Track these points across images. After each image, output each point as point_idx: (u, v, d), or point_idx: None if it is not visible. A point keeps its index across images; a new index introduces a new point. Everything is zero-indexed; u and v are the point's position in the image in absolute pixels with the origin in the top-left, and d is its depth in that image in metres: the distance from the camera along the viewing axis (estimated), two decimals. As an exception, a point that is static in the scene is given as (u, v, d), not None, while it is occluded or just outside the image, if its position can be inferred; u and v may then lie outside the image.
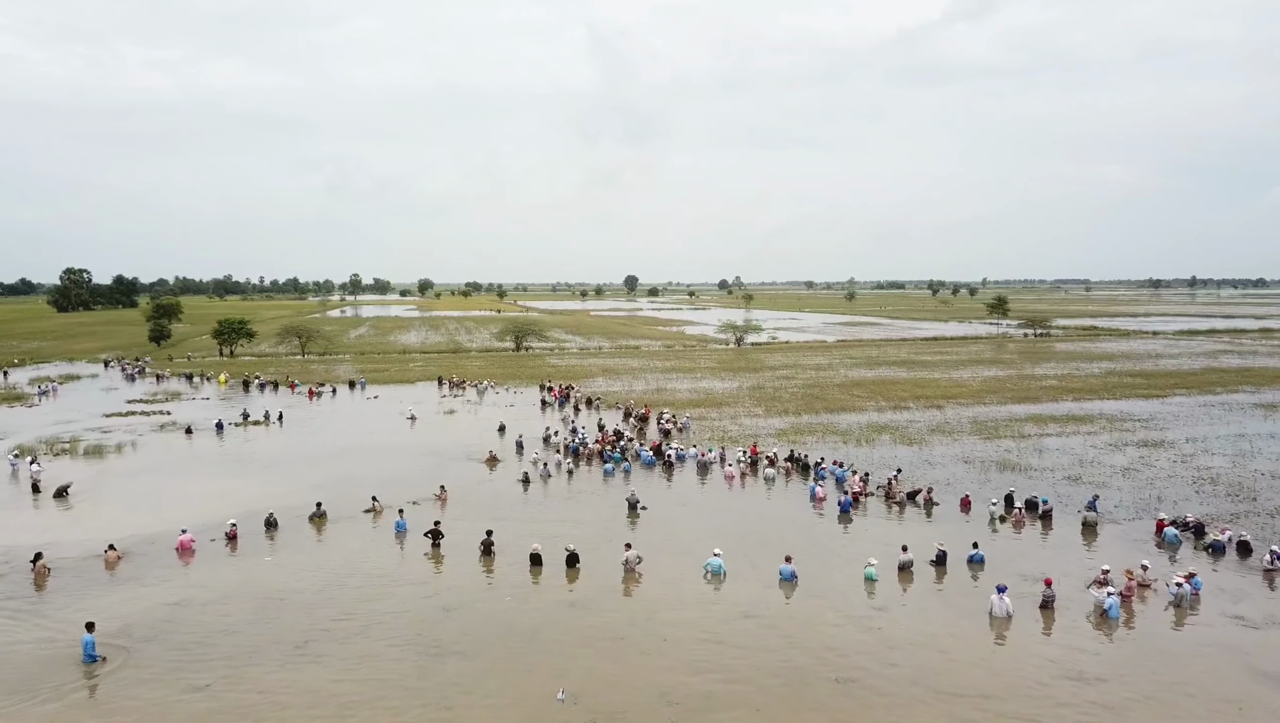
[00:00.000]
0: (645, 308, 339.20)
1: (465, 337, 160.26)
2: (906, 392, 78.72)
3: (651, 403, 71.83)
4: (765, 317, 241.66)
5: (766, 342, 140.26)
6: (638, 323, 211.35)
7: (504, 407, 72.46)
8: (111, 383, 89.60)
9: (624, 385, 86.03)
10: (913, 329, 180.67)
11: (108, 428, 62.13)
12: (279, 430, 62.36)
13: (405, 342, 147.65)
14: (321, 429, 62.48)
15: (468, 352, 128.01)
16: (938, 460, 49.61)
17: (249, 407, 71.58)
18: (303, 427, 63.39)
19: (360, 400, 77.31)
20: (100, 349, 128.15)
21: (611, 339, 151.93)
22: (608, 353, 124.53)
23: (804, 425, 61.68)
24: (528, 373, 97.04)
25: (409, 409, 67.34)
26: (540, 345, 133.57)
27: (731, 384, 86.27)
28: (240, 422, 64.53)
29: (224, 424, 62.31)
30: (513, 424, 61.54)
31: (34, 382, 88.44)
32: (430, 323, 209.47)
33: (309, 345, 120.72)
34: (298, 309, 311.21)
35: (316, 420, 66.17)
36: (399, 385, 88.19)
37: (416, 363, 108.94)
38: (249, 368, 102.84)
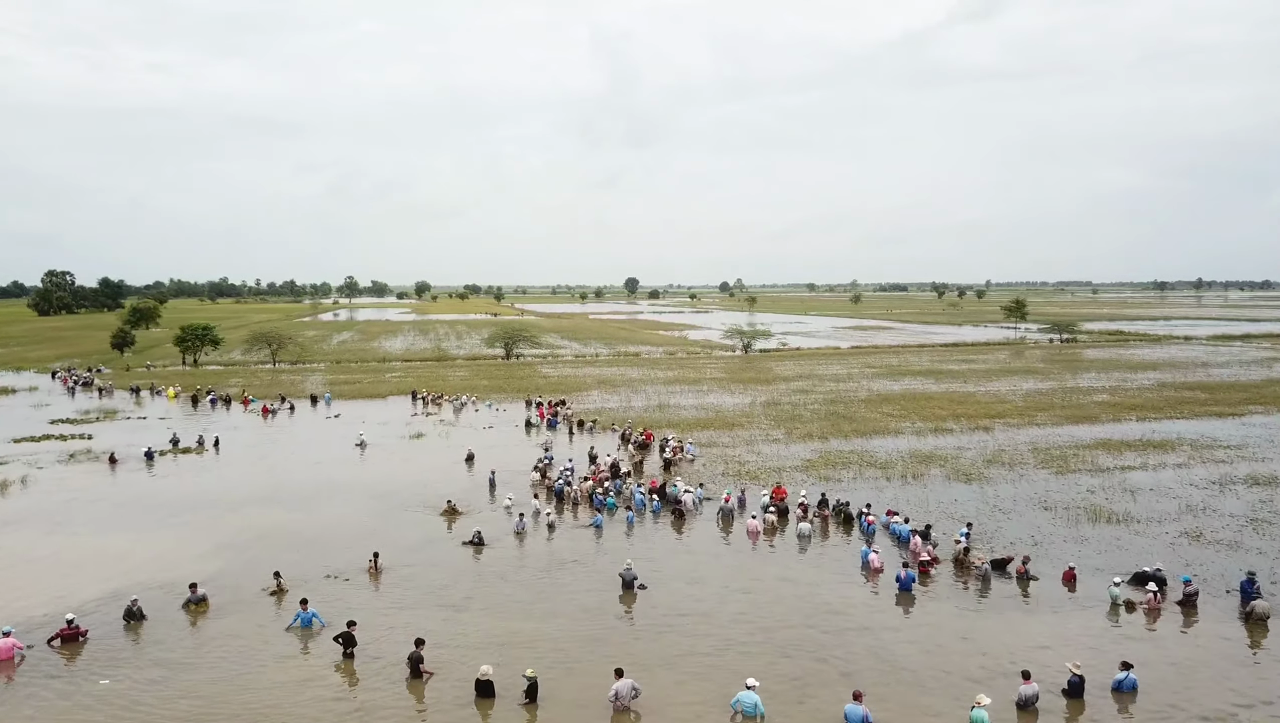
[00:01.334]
0: (646, 311, 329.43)
1: (454, 343, 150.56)
2: (943, 408, 69.03)
3: (653, 425, 62.25)
4: (770, 320, 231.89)
5: (776, 349, 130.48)
6: (638, 327, 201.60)
7: (481, 428, 62.87)
8: (46, 398, 79.91)
9: (621, 401, 76.38)
10: (927, 334, 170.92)
11: (6, 457, 52.42)
12: (214, 460, 52.74)
13: (389, 348, 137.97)
14: (262, 458, 52.81)
15: (453, 360, 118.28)
16: (1008, 505, 39.91)
17: (197, 426, 62.05)
18: (242, 456, 53.74)
19: (319, 419, 67.68)
20: (60, 357, 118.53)
21: (610, 345, 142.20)
22: (605, 361, 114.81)
23: (834, 454, 51.98)
24: (516, 385, 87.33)
25: (360, 434, 57.59)
26: (532, 353, 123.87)
27: (743, 399, 76.56)
28: (170, 449, 54.91)
29: (153, 453, 52.61)
30: (487, 452, 52.02)
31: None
32: (421, 327, 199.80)
33: (280, 353, 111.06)
34: (287, 312, 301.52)
35: (260, 447, 56.50)
36: (369, 400, 78.56)
37: (394, 373, 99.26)
38: (212, 378, 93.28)
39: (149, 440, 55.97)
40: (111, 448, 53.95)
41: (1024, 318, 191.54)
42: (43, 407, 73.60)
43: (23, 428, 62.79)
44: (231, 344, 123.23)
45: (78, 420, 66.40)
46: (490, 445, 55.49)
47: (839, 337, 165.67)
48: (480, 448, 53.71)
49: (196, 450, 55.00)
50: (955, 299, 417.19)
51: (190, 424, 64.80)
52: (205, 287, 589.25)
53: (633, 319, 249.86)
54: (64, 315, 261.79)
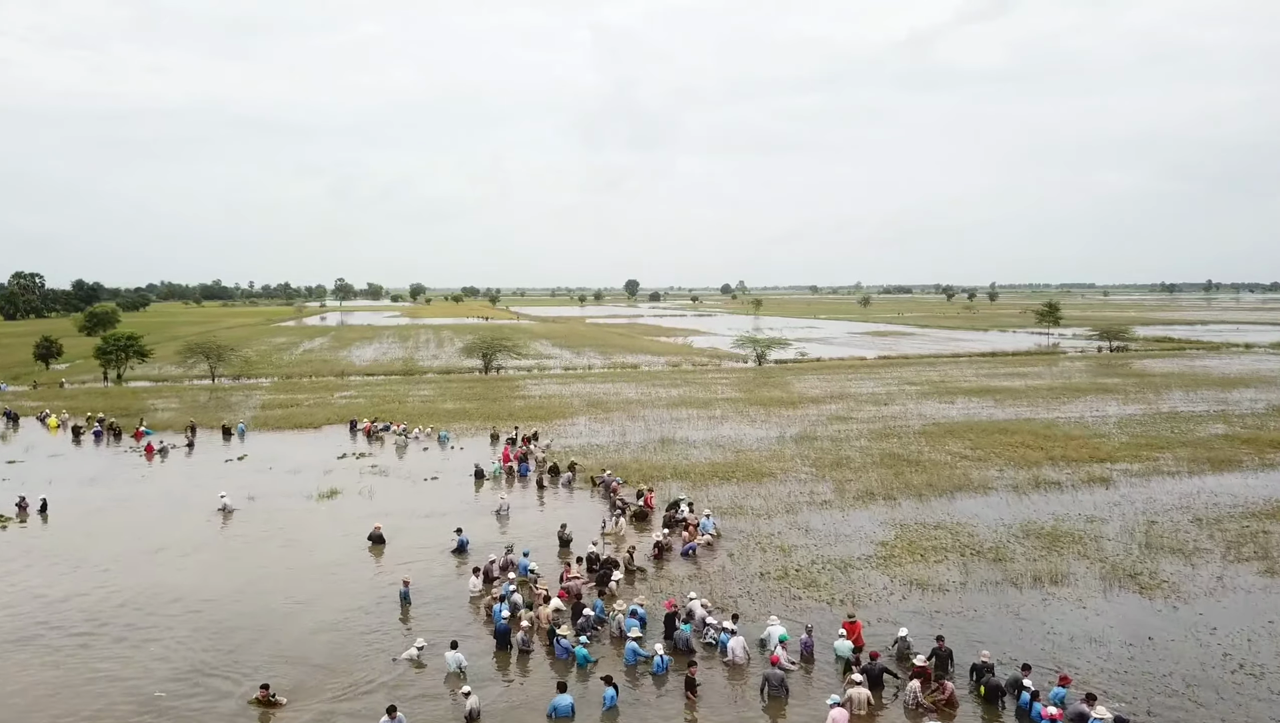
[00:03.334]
0: (646, 314, 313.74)
1: (432, 352, 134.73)
2: (1029, 445, 53.34)
3: (653, 473, 46.69)
4: (778, 325, 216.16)
5: (794, 360, 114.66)
6: (638, 333, 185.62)
7: (422, 480, 47.13)
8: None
9: (614, 432, 60.64)
10: (954, 340, 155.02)
11: None
12: (24, 535, 37.06)
13: (356, 359, 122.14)
14: (89, 537, 36.90)
15: (423, 373, 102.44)
16: (1241, 651, 24.18)
17: (52, 472, 46.42)
18: (69, 530, 38.01)
19: (218, 461, 51.92)
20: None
21: (605, 354, 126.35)
22: (598, 375, 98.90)
23: (914, 530, 36.26)
24: (486, 409, 71.50)
25: (223, 496, 41.35)
26: (515, 365, 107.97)
27: (767, 430, 60.86)
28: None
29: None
30: (411, 528, 36.45)
31: None
32: (402, 334, 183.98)
33: (221, 367, 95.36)
34: (267, 316, 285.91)
35: (103, 515, 40.63)
36: (298, 432, 62.85)
37: (346, 393, 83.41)
38: (126, 401, 77.56)
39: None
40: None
41: (1057, 323, 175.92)
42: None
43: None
44: (164, 357, 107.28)
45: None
46: (423, 514, 39.80)
47: (859, 344, 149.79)
48: (404, 519, 38.12)
49: (13, 519, 39.33)
50: (968, 302, 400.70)
51: (51, 468, 49.15)
52: (196, 289, 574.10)
53: (632, 323, 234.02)
54: (31, 320, 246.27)
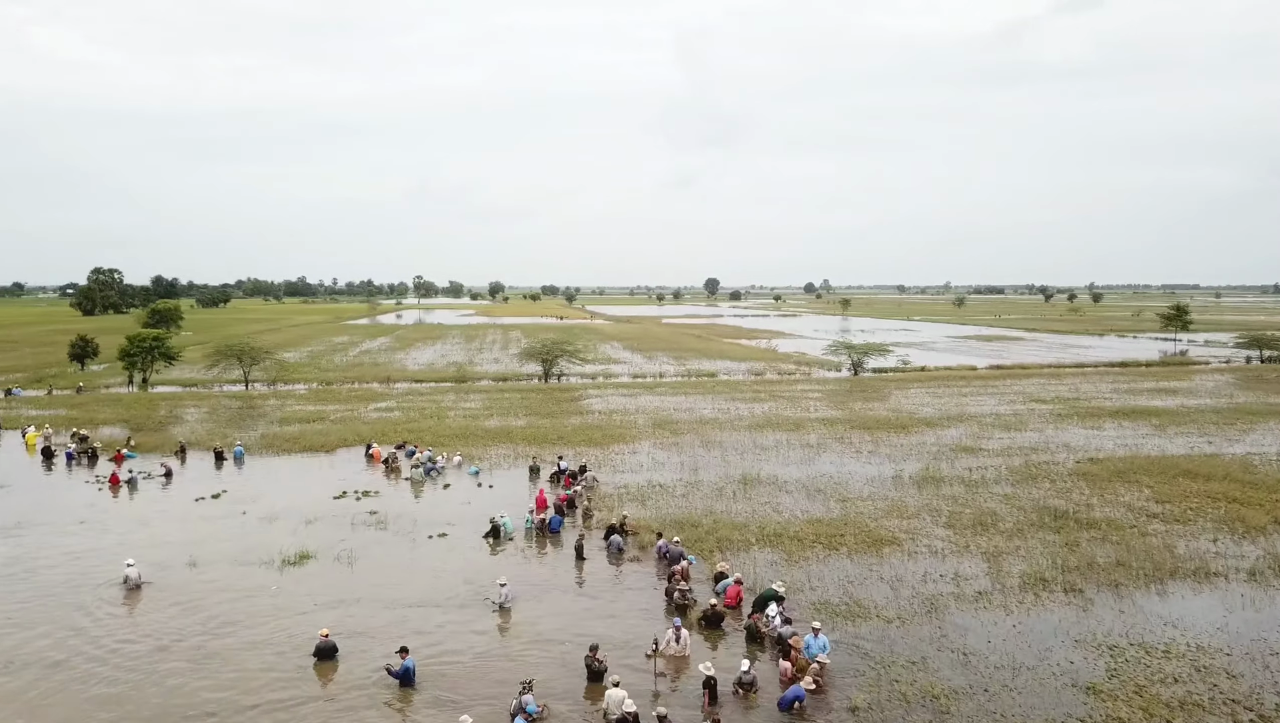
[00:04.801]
0: (726, 314, 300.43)
1: (492, 355, 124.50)
2: (1243, 502, 39.64)
3: (733, 535, 34.68)
4: (869, 327, 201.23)
5: (894, 368, 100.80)
6: (716, 335, 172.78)
7: (426, 537, 35.80)
8: None
9: (682, 465, 48.62)
10: (1069, 347, 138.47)
11: None
12: None
13: (410, 362, 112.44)
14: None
15: (476, 381, 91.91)
16: None
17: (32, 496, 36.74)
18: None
19: (186, 500, 41.45)
20: (16, 367, 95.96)
21: (679, 360, 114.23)
22: (670, 385, 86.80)
23: (1135, 662, 23.56)
24: (533, 431, 60.13)
25: (128, 565, 30.21)
26: (578, 372, 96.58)
27: (878, 467, 48.13)
28: None
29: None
30: (382, 624, 25.11)
31: None
32: (468, 334, 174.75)
33: (256, 371, 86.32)
34: (337, 314, 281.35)
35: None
36: (308, 455, 52.43)
37: (382, 405, 73.03)
38: (149, 407, 68.60)
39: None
40: None
41: (1185, 327, 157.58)
42: None
43: None
44: (194, 360, 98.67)
45: None
46: (408, 602, 28.44)
47: (963, 350, 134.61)
48: (375, 613, 26.85)
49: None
50: (1071, 304, 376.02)
51: (38, 487, 39.48)
52: (280, 286, 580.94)
53: (711, 324, 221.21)
54: (110, 315, 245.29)
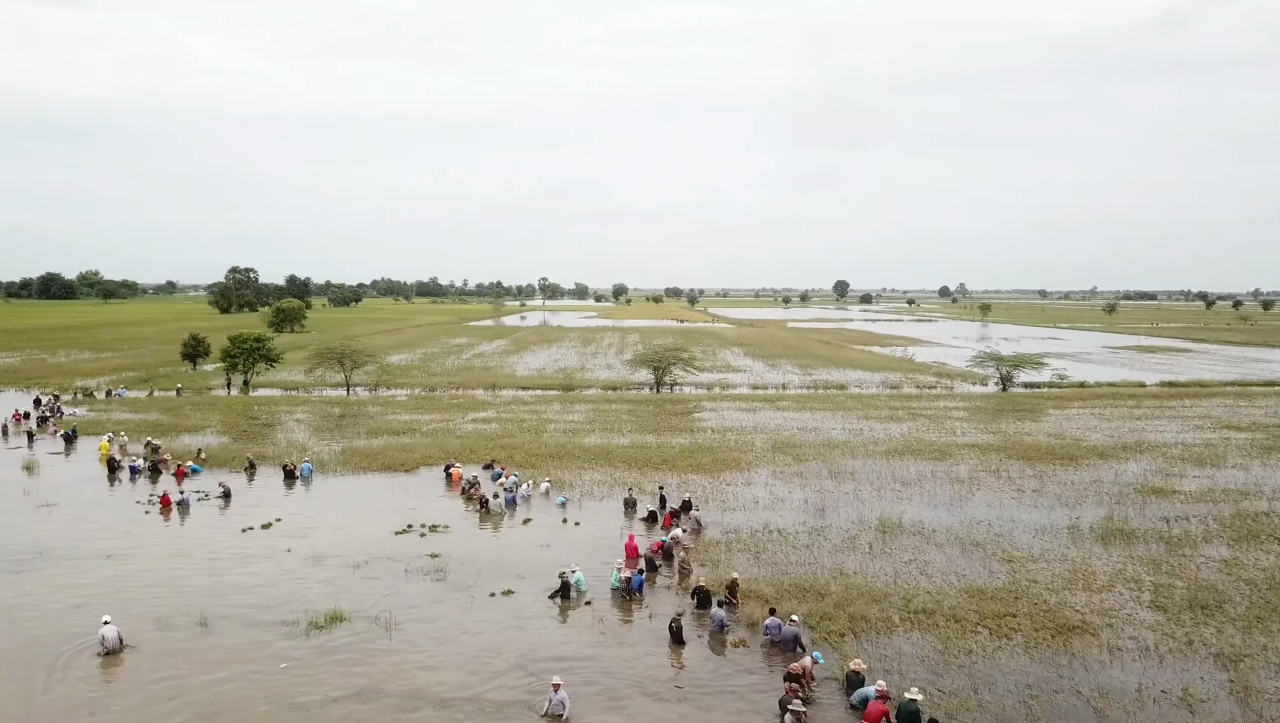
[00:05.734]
0: (856, 318, 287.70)
1: (605, 360, 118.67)
2: None
3: (870, 613, 27.07)
4: (1013, 334, 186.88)
5: (1049, 383, 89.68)
6: (846, 341, 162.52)
7: (488, 594, 29.31)
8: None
9: (806, 501, 40.91)
10: (1250, 361, 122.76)
11: None
12: None
13: (520, 368, 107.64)
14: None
15: (584, 389, 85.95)
16: None
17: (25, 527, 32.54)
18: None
19: (233, 528, 36.33)
20: (120, 368, 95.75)
21: (805, 368, 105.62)
22: (794, 398, 78.60)
23: None
24: (638, 449, 53.34)
25: (105, 622, 24.73)
26: (693, 382, 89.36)
27: (1048, 513, 39.28)
28: None
29: None
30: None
31: None
32: (585, 337, 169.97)
33: (358, 375, 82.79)
34: (461, 315, 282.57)
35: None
36: (386, 474, 47.10)
37: (481, 415, 67.67)
38: (242, 411, 65.37)
39: None
40: None
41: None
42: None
43: None
44: (296, 362, 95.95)
45: None
46: (436, 701, 21.96)
47: (1123, 362, 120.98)
48: (398, 713, 20.50)
49: None
50: (1240, 312, 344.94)
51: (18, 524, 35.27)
52: (412, 286, 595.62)
53: (840, 329, 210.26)
54: (244, 312, 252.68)
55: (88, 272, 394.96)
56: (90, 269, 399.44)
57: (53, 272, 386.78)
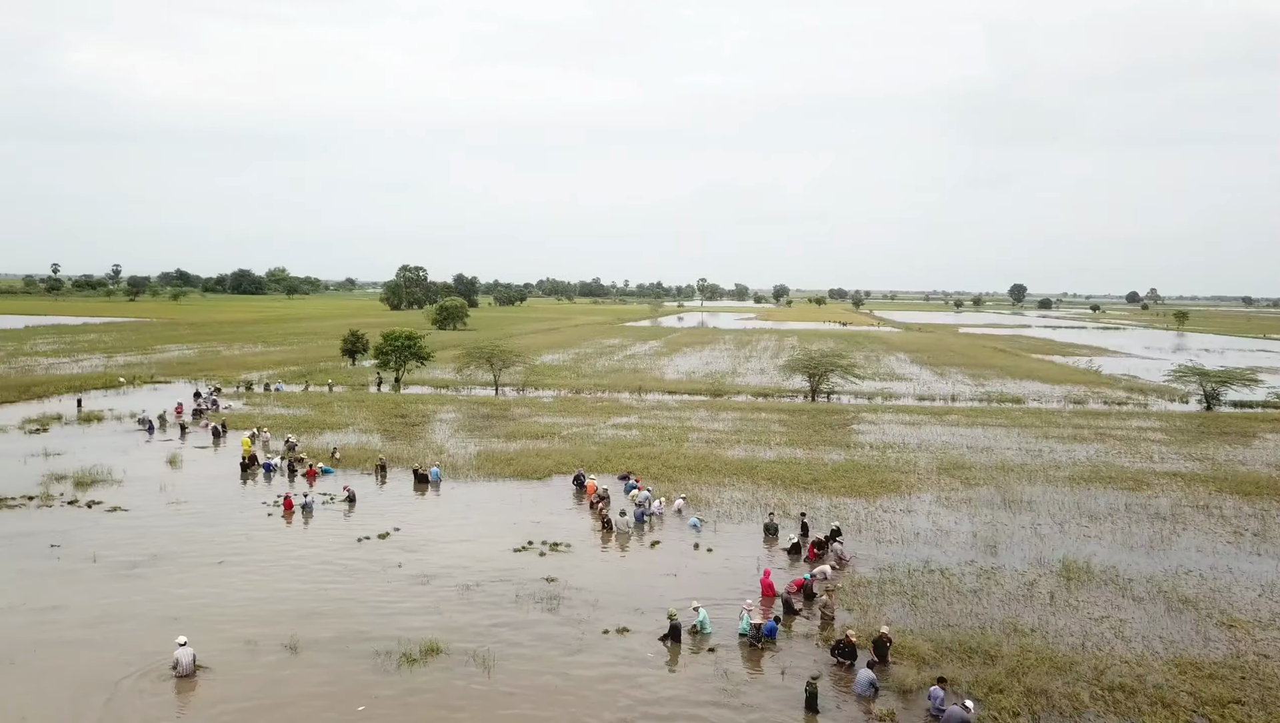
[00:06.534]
0: (1035, 325, 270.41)
1: (759, 365, 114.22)
2: None
3: (1048, 688, 22.16)
4: (1215, 345, 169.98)
5: (1269, 403, 78.98)
6: (1023, 349, 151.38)
7: (602, 631, 26.07)
8: (105, 435, 54.76)
9: (976, 535, 35.77)
10: None
11: None
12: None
13: (669, 371, 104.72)
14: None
15: (734, 394, 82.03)
16: None
17: (146, 526, 32.04)
18: None
19: (348, 537, 34.65)
20: (281, 363, 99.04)
21: (977, 379, 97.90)
22: (964, 412, 72.01)
23: None
24: (786, 465, 49.12)
25: (180, 648, 22.61)
26: (852, 391, 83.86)
27: (1277, 566, 32.69)
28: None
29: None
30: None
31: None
32: (740, 340, 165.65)
33: (506, 375, 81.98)
34: (618, 315, 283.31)
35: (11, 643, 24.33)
36: (518, 482, 44.89)
37: (624, 420, 64.99)
38: (397, 407, 65.39)
39: None
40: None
41: None
42: (53, 456, 47.88)
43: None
44: (449, 360, 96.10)
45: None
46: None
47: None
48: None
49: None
50: None
51: (145, 523, 34.87)
52: (575, 286, 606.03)
53: (1016, 336, 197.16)
54: (413, 310, 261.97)
55: (275, 269, 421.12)
56: (278, 266, 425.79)
57: (244, 268, 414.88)
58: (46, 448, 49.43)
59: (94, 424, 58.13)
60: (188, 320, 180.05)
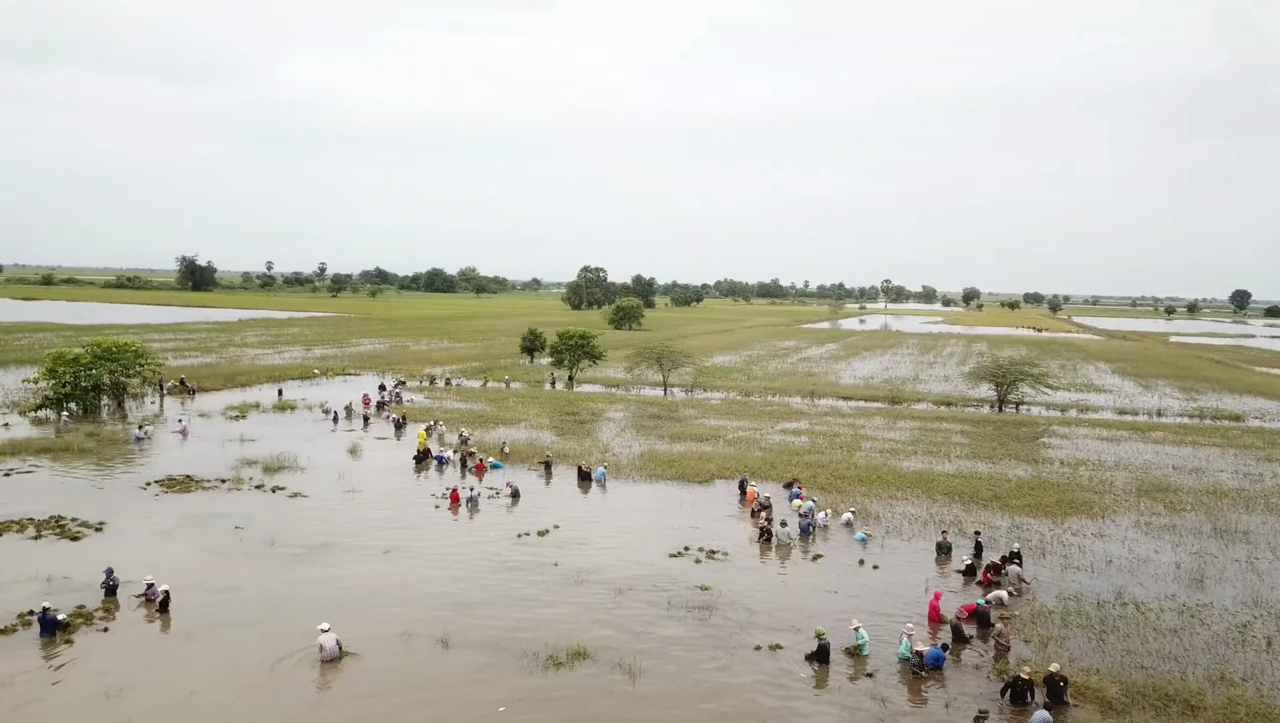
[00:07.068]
0: (1260, 335, 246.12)
1: (942, 371, 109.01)
2: None
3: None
4: None
5: None
6: (1245, 362, 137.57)
7: (759, 644, 24.91)
8: (295, 424, 58.28)
9: (1178, 570, 32.28)
10: None
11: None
12: (105, 644, 23.11)
13: (846, 375, 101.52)
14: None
15: (913, 402, 78.40)
16: None
17: (311, 518, 33.86)
18: (151, 652, 23.32)
19: (508, 533, 34.96)
20: (464, 359, 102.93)
21: (1188, 393, 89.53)
22: (1170, 431, 65.74)
23: None
24: (966, 480, 46.17)
25: (324, 637, 23.33)
26: (1045, 402, 78.35)
27: None
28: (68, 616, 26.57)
29: (51, 618, 24.98)
30: None
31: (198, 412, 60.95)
32: (924, 345, 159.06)
33: (675, 375, 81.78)
34: (794, 316, 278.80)
35: (195, 614, 25.46)
36: (679, 485, 44.28)
37: (793, 425, 63.21)
38: (569, 404, 66.67)
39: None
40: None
41: None
42: (247, 442, 51.30)
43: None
44: (620, 359, 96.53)
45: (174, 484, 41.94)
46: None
47: None
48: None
49: (97, 615, 25.85)
50: None
51: (315, 516, 36.63)
52: (753, 287, 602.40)
53: (1238, 346, 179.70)
54: (592, 310, 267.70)
55: (466, 268, 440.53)
56: (469, 266, 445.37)
57: (437, 267, 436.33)
58: (243, 434, 52.96)
59: (287, 413, 61.88)
60: (381, 316, 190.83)
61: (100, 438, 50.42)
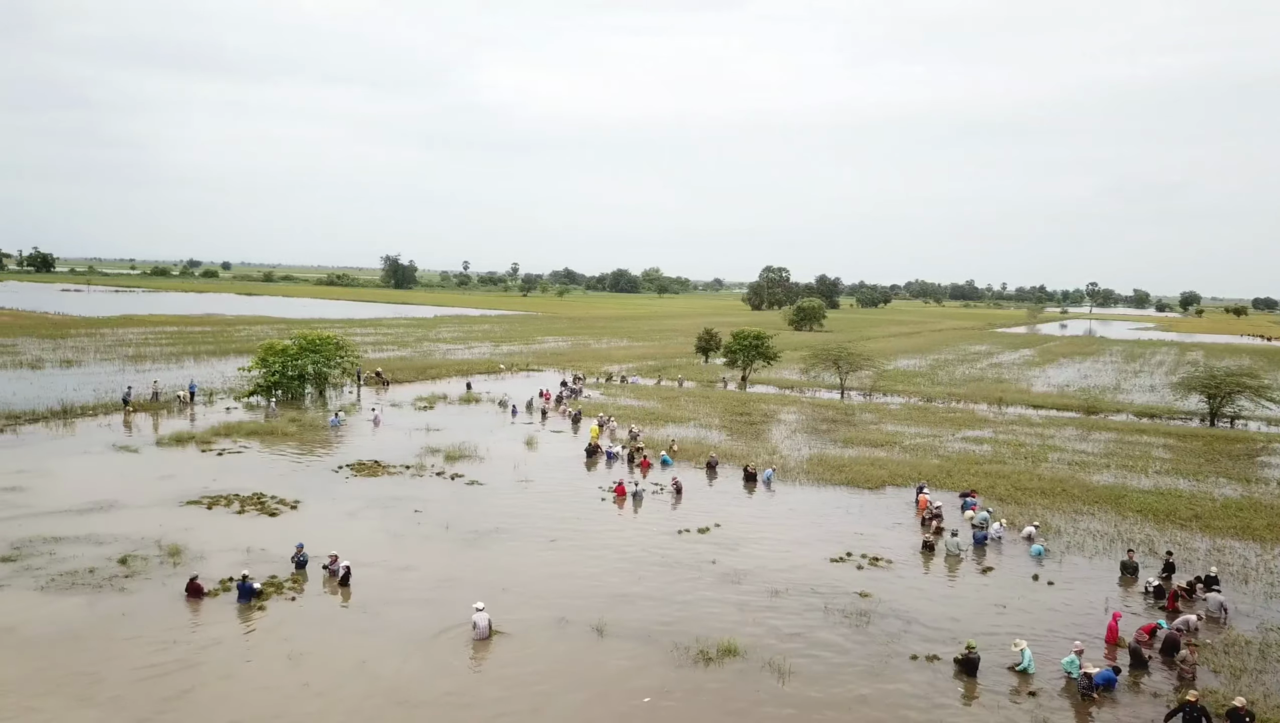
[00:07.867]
0: None
1: (1148, 381, 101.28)
2: None
3: None
4: None
5: None
6: None
7: (916, 654, 24.19)
8: (476, 416, 60.93)
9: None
10: None
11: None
12: (285, 614, 25.24)
13: (1039, 382, 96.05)
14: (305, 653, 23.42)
15: (1112, 412, 73.18)
16: None
17: (480, 506, 35.80)
18: (328, 622, 25.22)
19: (668, 529, 35.37)
20: (641, 357, 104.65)
21: None
22: None
23: None
24: (1160, 501, 42.83)
25: (478, 616, 24.17)
26: (1264, 415, 71.33)
27: None
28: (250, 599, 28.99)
29: (251, 586, 27.62)
30: None
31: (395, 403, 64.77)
32: (1131, 352, 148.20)
33: (853, 378, 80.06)
34: (988, 320, 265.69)
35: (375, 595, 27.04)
36: (847, 489, 43.46)
37: (976, 433, 60.61)
38: (741, 404, 66.89)
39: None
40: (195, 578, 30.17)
41: None
42: (433, 431, 54.24)
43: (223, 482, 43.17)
44: (796, 361, 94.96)
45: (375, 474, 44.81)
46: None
47: None
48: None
49: (286, 585, 28.01)
50: None
51: (479, 500, 38.45)
52: (945, 289, 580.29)
53: None
54: (773, 310, 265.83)
55: (650, 269, 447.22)
56: (652, 266, 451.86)
57: (622, 268, 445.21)
58: (429, 424, 56.06)
59: (472, 405, 64.98)
60: (567, 315, 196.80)
61: (302, 423, 54.73)
